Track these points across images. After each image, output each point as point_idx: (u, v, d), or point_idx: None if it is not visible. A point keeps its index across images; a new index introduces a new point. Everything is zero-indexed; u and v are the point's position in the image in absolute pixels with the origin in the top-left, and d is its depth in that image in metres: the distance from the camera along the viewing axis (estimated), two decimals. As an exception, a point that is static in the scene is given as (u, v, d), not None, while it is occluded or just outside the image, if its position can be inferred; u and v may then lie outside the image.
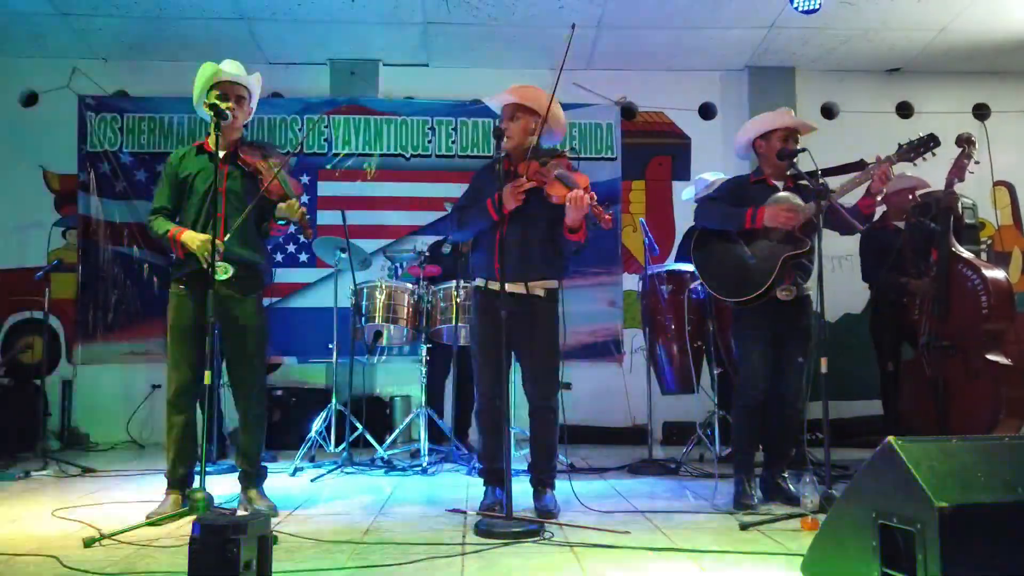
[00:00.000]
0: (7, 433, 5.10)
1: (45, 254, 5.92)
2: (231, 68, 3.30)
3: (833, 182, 3.31)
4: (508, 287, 3.03)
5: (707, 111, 6.69)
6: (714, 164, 5.50)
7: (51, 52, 6.17)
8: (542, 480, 3.26)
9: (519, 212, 3.13)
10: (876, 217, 3.93)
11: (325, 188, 6.20)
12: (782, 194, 3.40)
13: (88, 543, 2.65)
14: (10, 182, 6.23)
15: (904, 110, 6.72)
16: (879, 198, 3.31)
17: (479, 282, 3.31)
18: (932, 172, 4.31)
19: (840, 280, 6.22)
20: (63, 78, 6.27)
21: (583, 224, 3.07)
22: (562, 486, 3.35)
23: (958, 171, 4.15)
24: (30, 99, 6.35)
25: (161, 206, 3.31)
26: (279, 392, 5.71)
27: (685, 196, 5.38)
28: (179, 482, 3.20)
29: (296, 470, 4.37)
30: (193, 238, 3.13)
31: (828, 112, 6.72)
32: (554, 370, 3.26)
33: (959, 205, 4.66)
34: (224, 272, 3.09)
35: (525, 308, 3.18)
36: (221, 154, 3.22)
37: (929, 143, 3.24)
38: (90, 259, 6.09)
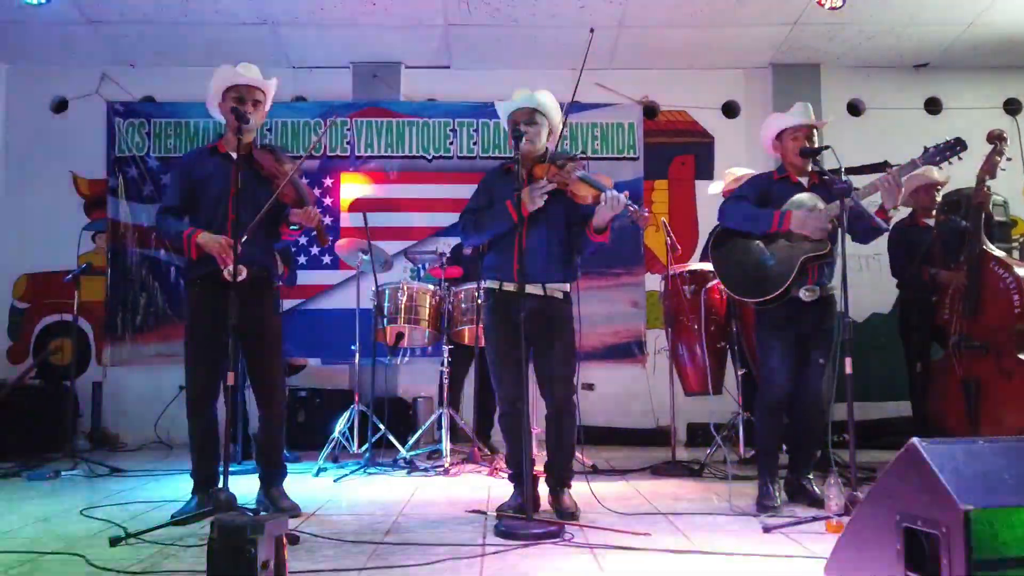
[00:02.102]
0: (38, 434, 5.20)
1: (75, 258, 6.01)
2: (247, 72, 3.33)
3: (856, 181, 3.26)
4: (527, 288, 3.03)
5: (730, 109, 6.63)
6: (738, 163, 5.44)
7: (80, 59, 6.30)
8: (562, 480, 3.25)
9: (537, 214, 3.14)
10: (893, 219, 3.85)
11: (348, 190, 6.24)
12: (804, 195, 3.36)
13: (114, 542, 2.69)
14: (41, 187, 6.36)
15: (932, 106, 6.61)
16: (891, 213, 3.27)
17: (492, 284, 3.29)
18: (961, 168, 4.24)
19: (867, 279, 6.14)
20: (92, 85, 6.40)
21: (609, 224, 3.09)
22: (581, 487, 3.34)
23: (989, 168, 4.08)
24: (60, 106, 6.48)
25: (171, 205, 3.33)
26: (303, 393, 5.76)
27: (712, 190, 5.33)
28: (204, 482, 3.23)
29: (319, 470, 4.40)
30: (212, 240, 3.14)
31: (854, 109, 6.63)
32: (572, 371, 3.25)
33: (990, 202, 4.58)
34: (239, 274, 3.12)
35: (544, 310, 3.18)
36: (234, 156, 3.26)
37: (955, 147, 3.18)
38: (118, 262, 6.20)
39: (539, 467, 3.48)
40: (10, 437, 5.07)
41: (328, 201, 6.21)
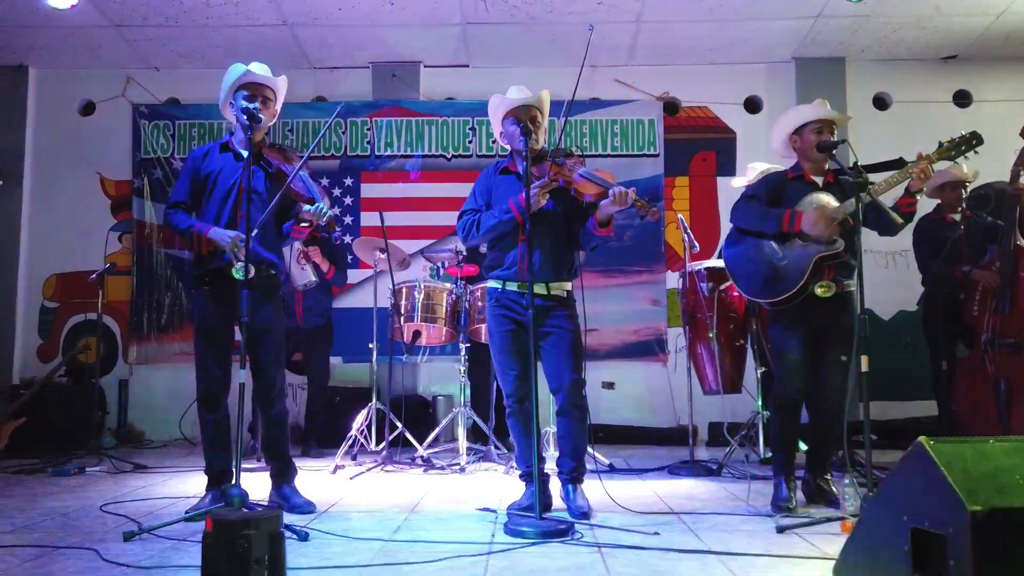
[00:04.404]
0: (66, 430, 5.30)
1: (102, 258, 6.13)
2: (258, 70, 3.35)
3: (872, 179, 3.18)
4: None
5: (753, 105, 6.55)
6: (760, 158, 5.36)
7: (107, 63, 6.41)
8: (573, 478, 3.23)
9: (539, 213, 3.12)
10: (919, 214, 3.77)
11: (368, 190, 6.28)
12: (819, 195, 3.30)
13: (128, 537, 2.73)
14: (69, 189, 6.49)
15: (962, 99, 6.46)
16: (919, 196, 3.19)
17: (495, 283, 3.28)
18: (989, 162, 4.14)
19: (894, 276, 6.04)
20: (118, 88, 6.51)
21: (613, 218, 3.09)
22: (595, 486, 3.32)
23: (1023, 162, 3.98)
24: (87, 108, 6.60)
25: (180, 200, 3.33)
26: (324, 391, 5.79)
27: (736, 184, 5.26)
28: (217, 479, 3.26)
29: (337, 468, 4.43)
30: (222, 235, 3.16)
31: (881, 103, 6.51)
32: (580, 369, 3.23)
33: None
34: (245, 272, 3.14)
35: (548, 309, 3.17)
36: (246, 154, 3.26)
37: (971, 141, 3.10)
38: (143, 262, 6.31)
39: (551, 465, 3.47)
40: (39, 433, 5.18)
41: (348, 200, 6.26)
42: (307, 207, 3.18)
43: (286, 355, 3.48)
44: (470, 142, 6.33)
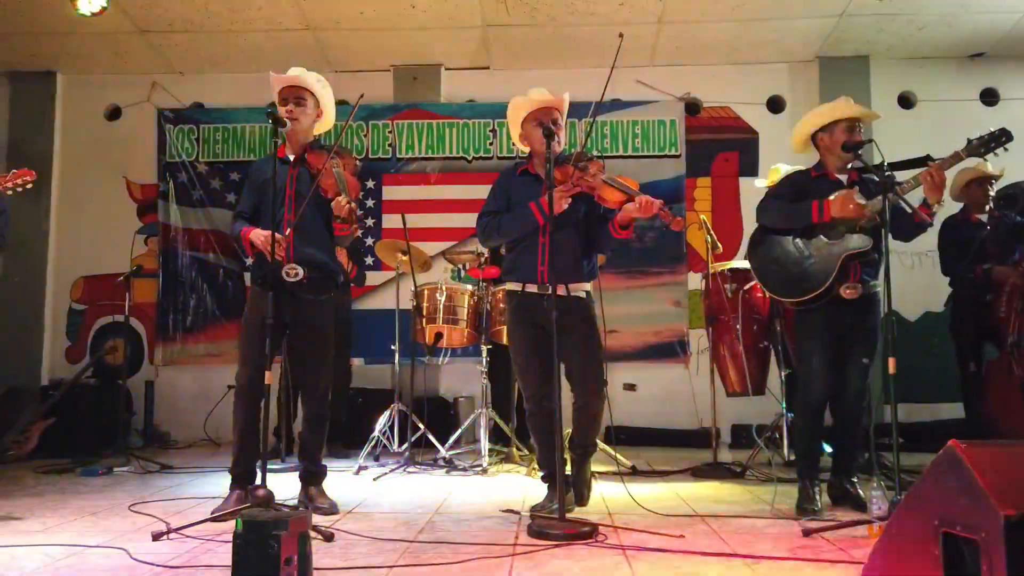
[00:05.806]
0: (94, 431, 5.37)
1: (129, 261, 6.20)
2: (289, 73, 3.37)
3: (898, 176, 3.14)
4: (550, 289, 3.05)
5: (775, 104, 6.50)
6: (783, 159, 5.32)
7: (132, 68, 6.49)
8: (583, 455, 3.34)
9: (559, 216, 3.12)
10: (945, 214, 3.71)
11: (390, 192, 6.31)
12: (844, 192, 3.27)
13: (156, 536, 2.77)
14: (96, 192, 6.58)
15: (989, 97, 6.37)
16: (937, 207, 3.12)
17: (515, 286, 3.29)
18: (1018, 161, 4.08)
19: (920, 277, 5.96)
20: (144, 92, 6.60)
21: (633, 221, 3.10)
22: (618, 488, 3.31)
23: None
24: (114, 113, 6.70)
25: (240, 211, 3.45)
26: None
27: (759, 184, 5.22)
28: (241, 478, 3.28)
29: (360, 469, 4.45)
30: (258, 235, 3.23)
31: (906, 101, 6.44)
32: (599, 371, 3.24)
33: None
34: (295, 274, 3.17)
35: (567, 310, 3.16)
36: (292, 158, 3.34)
37: (1001, 138, 3.05)
38: (169, 264, 6.39)
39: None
40: (68, 434, 5.26)
41: (371, 203, 6.29)
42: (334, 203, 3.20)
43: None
44: (491, 144, 6.34)
